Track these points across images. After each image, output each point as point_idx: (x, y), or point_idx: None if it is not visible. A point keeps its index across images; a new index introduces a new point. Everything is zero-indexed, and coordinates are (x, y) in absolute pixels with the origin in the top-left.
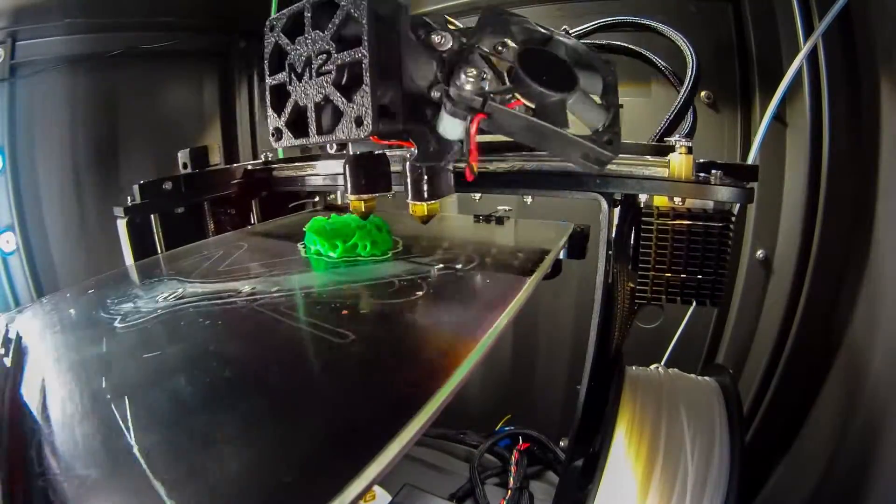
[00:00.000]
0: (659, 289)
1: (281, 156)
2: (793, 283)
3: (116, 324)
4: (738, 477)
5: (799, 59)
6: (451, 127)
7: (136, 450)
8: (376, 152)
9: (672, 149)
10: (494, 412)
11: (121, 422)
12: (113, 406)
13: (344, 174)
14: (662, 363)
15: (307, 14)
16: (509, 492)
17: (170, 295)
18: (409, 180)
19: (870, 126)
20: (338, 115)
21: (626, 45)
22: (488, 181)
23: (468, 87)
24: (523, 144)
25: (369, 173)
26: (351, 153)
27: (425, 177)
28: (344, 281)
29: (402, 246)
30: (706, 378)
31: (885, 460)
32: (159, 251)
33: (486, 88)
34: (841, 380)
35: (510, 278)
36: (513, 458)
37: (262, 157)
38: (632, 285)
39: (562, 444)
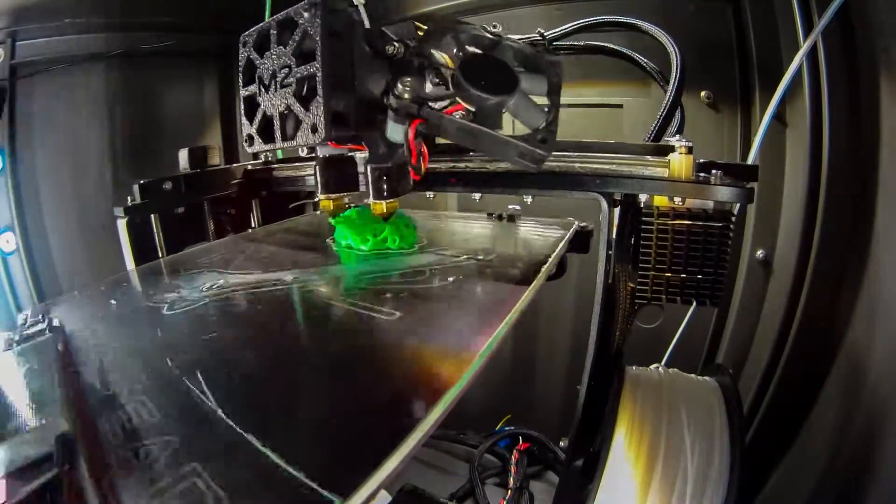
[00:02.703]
0: (659, 289)
1: (280, 156)
2: (793, 283)
3: (165, 311)
4: (738, 477)
5: (798, 58)
6: (395, 131)
7: (220, 413)
8: (346, 154)
9: (672, 149)
10: (494, 412)
11: (198, 393)
12: (186, 380)
13: (314, 175)
14: (662, 363)
15: (272, 31)
16: (509, 492)
17: (213, 285)
18: (369, 181)
19: (870, 126)
20: (298, 122)
21: (610, 45)
22: (488, 181)
23: (406, 94)
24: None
25: (338, 174)
26: (320, 156)
27: (384, 177)
28: (379, 270)
29: (427, 241)
30: (706, 378)
31: (885, 460)
32: (159, 251)
33: (427, 94)
34: (841, 380)
35: (526, 267)
36: (513, 458)
37: (262, 157)
38: (632, 285)
39: (562, 444)
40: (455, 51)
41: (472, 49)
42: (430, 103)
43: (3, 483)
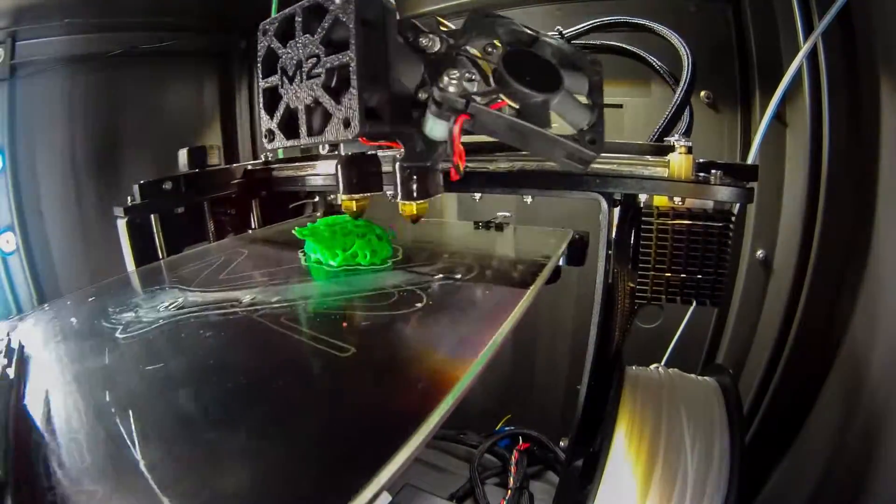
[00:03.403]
0: (659, 289)
1: (281, 156)
2: (793, 283)
3: (118, 334)
4: (738, 477)
5: (799, 59)
6: (436, 128)
7: (142, 465)
8: (368, 153)
9: (672, 148)
10: (494, 412)
11: (125, 436)
12: (118, 419)
13: (336, 174)
14: (662, 363)
15: (298, 19)
16: (509, 492)
17: (171, 304)
18: (398, 180)
19: (870, 126)
20: (327, 116)
21: (621, 45)
22: (488, 181)
23: (451, 88)
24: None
25: (361, 173)
26: (343, 154)
27: (414, 177)
28: (344, 291)
29: (402, 254)
30: (706, 378)
31: (885, 460)
32: (159, 251)
33: (471, 90)
34: (841, 380)
35: (509, 289)
36: (513, 458)
37: (262, 157)
38: (632, 285)
39: (562, 444)
40: (485, 46)
41: (508, 46)
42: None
43: None
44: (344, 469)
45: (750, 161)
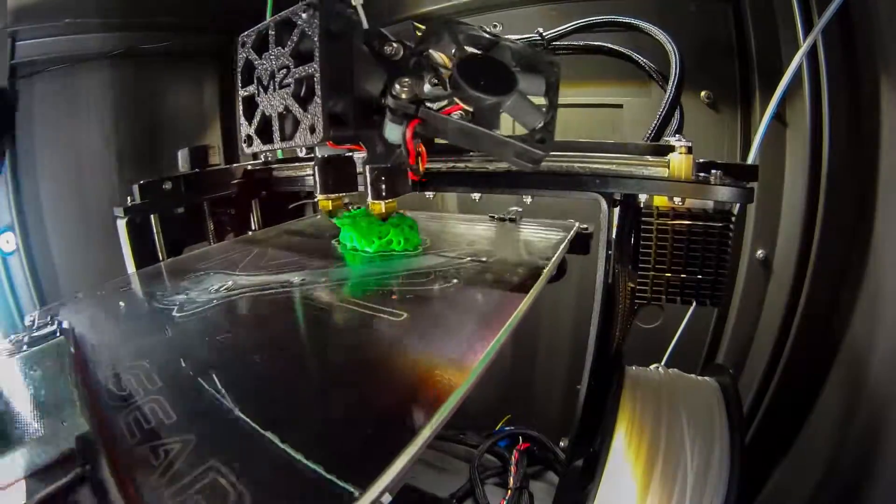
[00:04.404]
0: (659, 289)
1: (280, 156)
2: (793, 283)
3: (175, 313)
4: (738, 477)
5: (798, 57)
6: (393, 132)
7: (237, 411)
8: (344, 155)
9: (672, 149)
10: (494, 412)
11: (214, 392)
12: (202, 380)
13: (313, 175)
14: (662, 363)
15: (271, 32)
16: (509, 492)
17: (220, 287)
18: (367, 181)
19: (870, 126)
20: (296, 123)
21: (609, 45)
22: (488, 181)
23: (403, 95)
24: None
25: (337, 175)
26: (318, 156)
27: (382, 178)
28: (385, 272)
29: (430, 242)
30: (706, 378)
31: (885, 460)
32: (159, 251)
33: (424, 95)
34: (841, 380)
35: (527, 270)
36: (513, 458)
37: (262, 157)
38: (632, 285)
39: (562, 444)
40: (453, 51)
41: (470, 49)
42: (428, 104)
43: (22, 483)
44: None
45: (750, 161)
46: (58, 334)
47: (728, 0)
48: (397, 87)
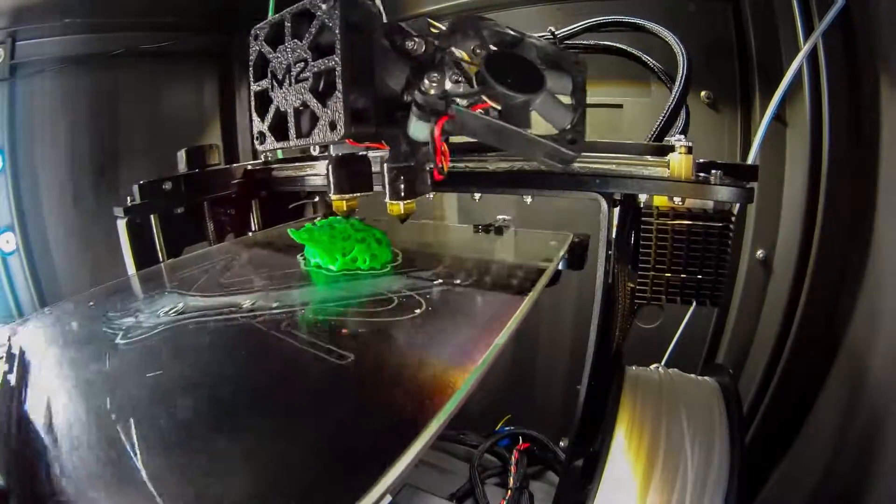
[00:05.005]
0: (659, 289)
1: (280, 156)
2: (793, 283)
3: (118, 340)
4: (738, 477)
5: (799, 59)
6: (419, 129)
7: (143, 474)
8: (359, 153)
9: (672, 148)
10: (494, 412)
11: (126, 443)
12: (118, 427)
13: (327, 175)
14: (662, 363)
15: (287, 24)
16: (509, 492)
17: (171, 309)
18: (386, 181)
19: (870, 126)
20: (314, 119)
21: (616, 45)
22: (488, 181)
23: (432, 91)
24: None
25: (351, 174)
26: (333, 155)
27: (401, 177)
28: (343, 297)
29: (402, 258)
30: (706, 378)
31: (885, 460)
32: (159, 251)
33: (455, 92)
34: (841, 380)
35: (508, 295)
36: (513, 458)
37: (262, 157)
38: (632, 285)
39: (562, 444)
40: (473, 48)
41: (493, 47)
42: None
43: None
44: (348, 473)
45: (750, 161)
46: (5, 361)
47: (728, 0)
48: (426, 81)
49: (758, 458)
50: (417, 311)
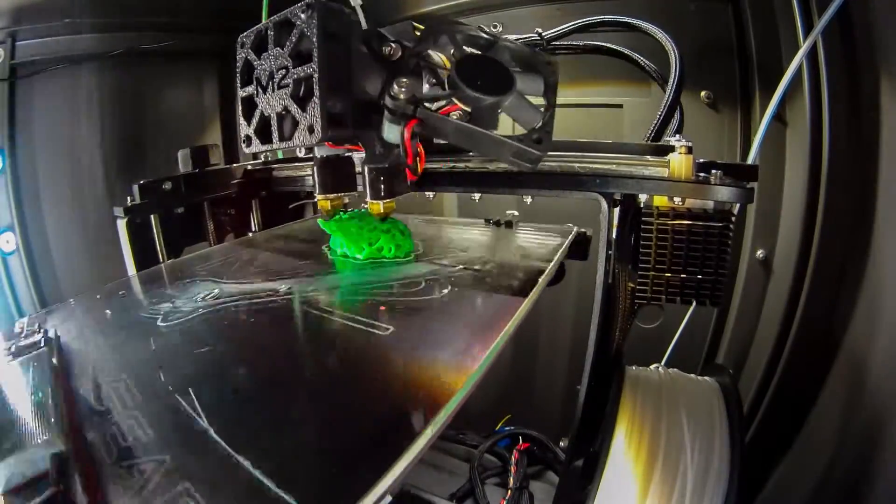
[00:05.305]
0: (659, 289)
1: (280, 156)
2: (793, 283)
3: (160, 322)
4: (738, 477)
5: (798, 58)
6: (391, 132)
7: (212, 432)
8: (343, 155)
9: (672, 148)
10: (494, 412)
11: (190, 410)
12: (178, 397)
13: (312, 176)
14: (662, 363)
15: (270, 33)
16: (509, 492)
17: (207, 295)
18: (366, 181)
19: (870, 126)
20: (295, 123)
21: (608, 45)
22: (488, 181)
23: (402, 95)
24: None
25: (336, 175)
26: (318, 156)
27: (381, 178)
28: (374, 281)
29: (423, 248)
30: (706, 378)
31: (885, 460)
32: (159, 251)
33: (423, 95)
34: (841, 379)
35: (523, 278)
36: (513, 458)
37: (262, 157)
38: (632, 285)
39: (562, 444)
40: (451, 51)
41: (468, 49)
42: (427, 104)
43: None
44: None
45: (750, 161)
46: (42, 345)
47: (728, 0)
48: (395, 87)
49: (758, 458)
50: (446, 290)
